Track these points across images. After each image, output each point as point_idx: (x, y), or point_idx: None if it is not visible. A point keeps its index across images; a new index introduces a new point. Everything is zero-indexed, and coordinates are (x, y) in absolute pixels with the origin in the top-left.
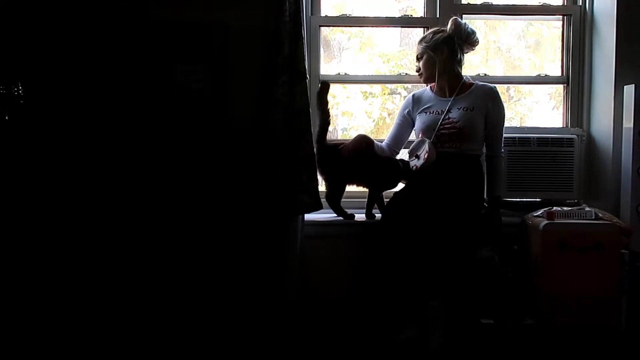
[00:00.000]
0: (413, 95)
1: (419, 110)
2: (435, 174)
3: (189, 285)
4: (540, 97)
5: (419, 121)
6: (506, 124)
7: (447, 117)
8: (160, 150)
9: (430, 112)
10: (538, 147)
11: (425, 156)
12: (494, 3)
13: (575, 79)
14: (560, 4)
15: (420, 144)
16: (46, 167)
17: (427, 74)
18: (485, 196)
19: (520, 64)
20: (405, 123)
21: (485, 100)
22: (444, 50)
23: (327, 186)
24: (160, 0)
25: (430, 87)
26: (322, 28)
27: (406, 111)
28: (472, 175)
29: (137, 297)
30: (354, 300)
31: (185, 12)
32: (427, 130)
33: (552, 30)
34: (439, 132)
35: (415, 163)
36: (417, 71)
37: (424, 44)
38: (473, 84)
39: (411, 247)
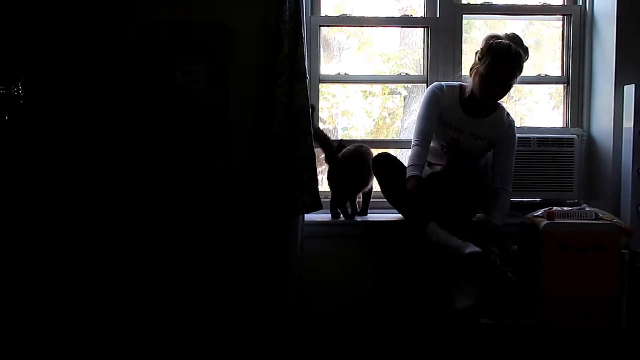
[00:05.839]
0: (442, 90)
1: (440, 118)
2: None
3: (190, 286)
4: (540, 97)
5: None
6: None
7: (457, 135)
8: (160, 150)
9: (449, 128)
10: (538, 147)
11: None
12: (494, 3)
13: (575, 79)
14: (560, 4)
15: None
16: (46, 167)
17: (500, 95)
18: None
19: None
20: (437, 118)
21: (499, 133)
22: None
23: (337, 196)
24: (160, 0)
25: (460, 87)
26: (322, 28)
27: (437, 105)
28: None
29: (137, 298)
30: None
31: (185, 12)
32: (436, 139)
33: (552, 30)
34: (444, 141)
35: (427, 171)
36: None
37: (519, 63)
38: (499, 105)
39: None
